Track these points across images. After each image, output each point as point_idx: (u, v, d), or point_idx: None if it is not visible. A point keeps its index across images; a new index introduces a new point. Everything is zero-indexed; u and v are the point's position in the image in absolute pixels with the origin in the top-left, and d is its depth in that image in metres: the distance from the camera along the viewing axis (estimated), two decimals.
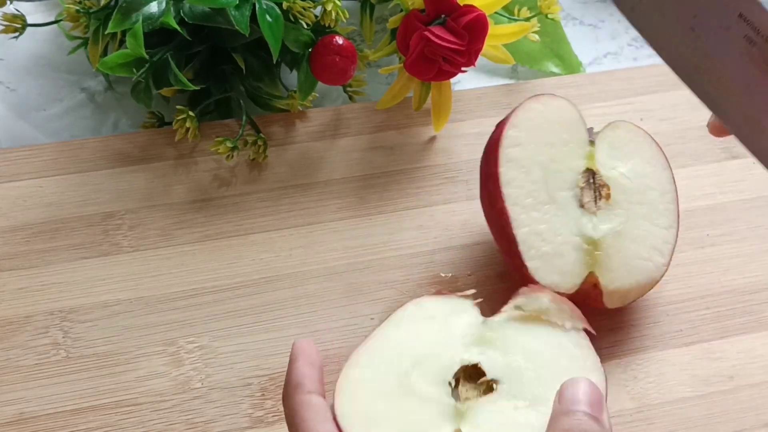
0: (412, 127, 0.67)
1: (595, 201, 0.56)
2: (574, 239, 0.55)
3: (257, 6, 0.60)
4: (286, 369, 0.56)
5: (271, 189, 0.63)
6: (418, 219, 0.62)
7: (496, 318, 0.51)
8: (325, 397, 0.46)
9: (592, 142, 0.58)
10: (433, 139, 0.67)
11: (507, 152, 0.55)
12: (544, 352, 0.49)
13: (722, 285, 0.60)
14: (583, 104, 0.69)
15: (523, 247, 0.54)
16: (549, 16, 0.66)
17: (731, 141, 0.68)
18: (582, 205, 0.56)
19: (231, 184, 0.63)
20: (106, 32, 0.61)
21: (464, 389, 0.47)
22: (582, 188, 0.56)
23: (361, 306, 0.57)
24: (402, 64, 0.63)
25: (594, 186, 0.56)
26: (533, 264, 0.54)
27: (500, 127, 0.57)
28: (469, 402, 0.46)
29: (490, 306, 0.53)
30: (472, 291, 0.53)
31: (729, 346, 0.57)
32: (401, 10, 0.62)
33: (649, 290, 0.56)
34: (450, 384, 0.47)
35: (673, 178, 0.58)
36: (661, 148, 0.58)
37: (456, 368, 0.48)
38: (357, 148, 0.66)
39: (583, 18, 0.78)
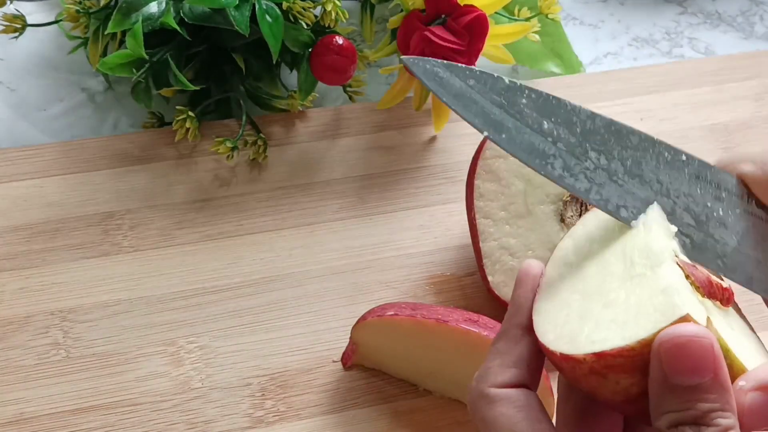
0: (412, 127, 0.67)
1: (579, 216, 0.55)
2: (547, 255, 0.54)
3: (257, 6, 0.60)
4: (286, 369, 0.56)
5: (271, 189, 0.63)
6: (418, 219, 0.62)
7: None
8: (529, 384, 0.36)
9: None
10: (433, 139, 0.67)
11: (487, 164, 0.55)
12: None
13: None
14: (583, 104, 0.68)
15: (486, 261, 0.54)
16: (549, 16, 0.66)
17: (732, 141, 0.68)
18: (563, 220, 0.55)
19: (231, 184, 0.63)
20: (106, 32, 0.61)
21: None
22: (566, 202, 0.55)
23: (361, 306, 0.57)
24: (402, 64, 0.63)
25: (581, 200, 0.56)
26: (496, 279, 0.54)
27: None
28: None
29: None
30: None
31: None
32: (401, 10, 0.62)
33: None
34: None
35: None
36: None
37: None
38: (357, 148, 0.66)
39: (583, 18, 0.78)
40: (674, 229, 0.38)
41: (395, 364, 0.55)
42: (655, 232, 0.37)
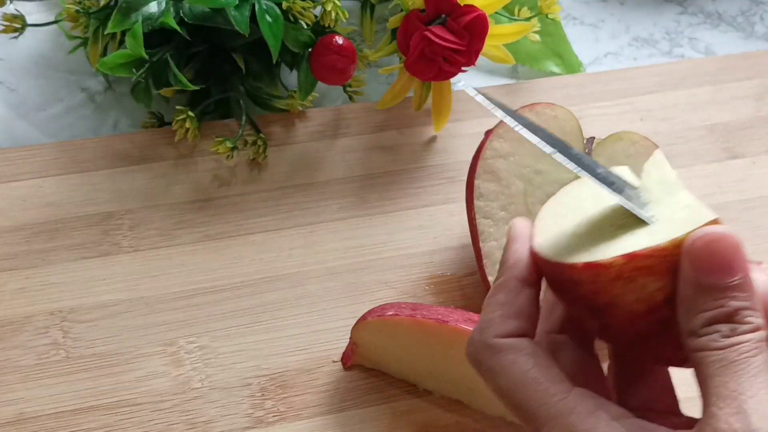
0: (412, 127, 0.67)
1: None
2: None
3: (257, 6, 0.60)
4: (286, 369, 0.56)
5: (271, 189, 0.63)
6: (418, 219, 0.62)
7: None
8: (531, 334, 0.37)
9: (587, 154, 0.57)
10: (433, 139, 0.67)
11: (487, 163, 0.55)
12: None
13: None
14: (583, 104, 0.69)
15: (486, 261, 0.54)
16: (549, 16, 0.66)
17: (731, 141, 0.68)
18: None
19: (231, 184, 0.63)
20: (105, 32, 0.61)
21: None
22: None
23: (361, 306, 0.57)
24: (402, 64, 0.63)
25: None
26: None
27: (487, 135, 0.57)
28: None
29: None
30: None
31: None
32: (401, 10, 0.62)
33: None
34: None
35: None
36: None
37: None
38: (357, 148, 0.66)
39: (583, 18, 0.78)
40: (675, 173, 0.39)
41: (395, 364, 0.55)
42: (666, 167, 0.38)
